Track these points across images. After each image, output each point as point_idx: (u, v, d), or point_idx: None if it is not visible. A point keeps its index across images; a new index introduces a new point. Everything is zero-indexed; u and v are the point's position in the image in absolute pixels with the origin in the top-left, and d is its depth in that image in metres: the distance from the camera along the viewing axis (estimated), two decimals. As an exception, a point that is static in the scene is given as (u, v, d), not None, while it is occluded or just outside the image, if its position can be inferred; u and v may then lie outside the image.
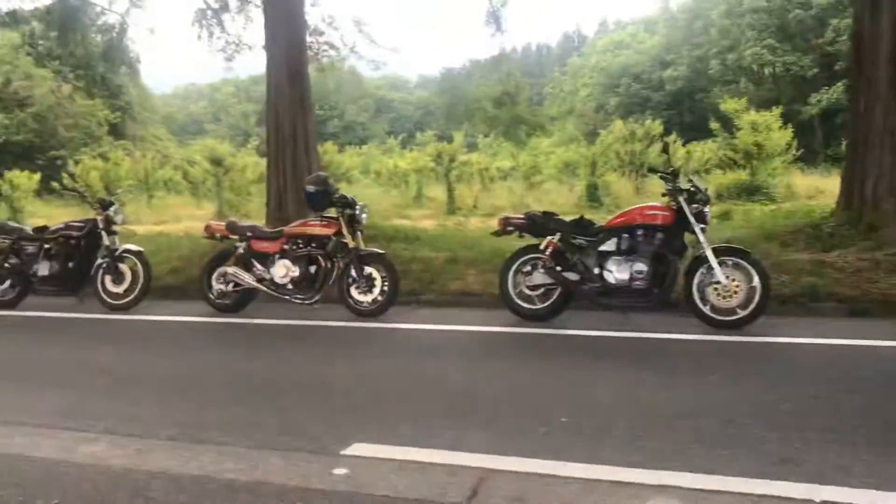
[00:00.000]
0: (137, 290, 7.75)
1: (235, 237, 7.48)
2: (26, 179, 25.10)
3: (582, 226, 6.48)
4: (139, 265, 7.82)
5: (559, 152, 28.35)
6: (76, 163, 27.89)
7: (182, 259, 9.57)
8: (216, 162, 21.86)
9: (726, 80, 43.73)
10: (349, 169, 31.21)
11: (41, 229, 8.36)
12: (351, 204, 7.06)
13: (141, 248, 8.07)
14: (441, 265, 8.50)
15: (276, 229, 7.46)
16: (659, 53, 49.56)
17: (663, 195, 6.33)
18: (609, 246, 6.20)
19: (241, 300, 7.44)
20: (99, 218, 7.96)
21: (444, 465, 3.21)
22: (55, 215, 22.18)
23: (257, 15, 19.61)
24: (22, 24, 16.78)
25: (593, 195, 18.98)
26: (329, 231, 7.05)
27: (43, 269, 8.01)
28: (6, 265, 8.23)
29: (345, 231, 7.00)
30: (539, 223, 6.57)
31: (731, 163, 19.48)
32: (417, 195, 23.81)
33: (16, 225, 8.72)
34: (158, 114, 60.55)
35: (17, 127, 39.82)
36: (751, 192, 16.65)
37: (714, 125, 18.11)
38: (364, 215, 7.15)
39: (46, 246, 8.11)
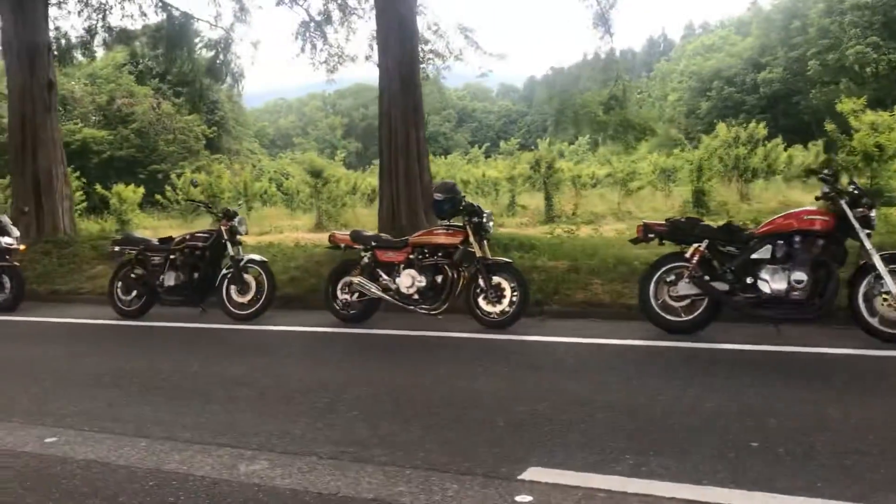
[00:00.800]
0: (262, 300, 7.75)
1: (360, 247, 7.37)
2: (132, 193, 26.03)
3: (731, 232, 6.08)
4: (263, 275, 7.81)
5: (653, 157, 27.56)
6: (178, 176, 28.81)
7: (299, 269, 9.57)
8: (315, 174, 22.10)
9: (825, 81, 41.91)
10: (434, 177, 31.22)
11: (166, 240, 8.48)
12: (478, 212, 6.86)
13: (265, 259, 8.07)
14: (563, 274, 8.21)
15: (401, 239, 7.33)
16: (752, 55, 47.91)
17: (818, 198, 5.88)
18: (763, 253, 5.78)
19: (365, 310, 7.33)
20: (223, 228, 8.00)
21: (638, 494, 2.93)
22: (160, 227, 22.98)
23: (360, 26, 19.74)
24: (131, 41, 17.29)
25: (700, 201, 18.32)
26: (455, 240, 6.86)
27: (169, 279, 8.10)
28: (132, 275, 8.37)
29: (472, 240, 6.80)
30: (683, 229, 6.21)
31: (840, 167, 18.49)
32: (510, 203, 23.53)
33: (141, 236, 8.87)
34: (251, 128, 62.18)
35: (121, 142, 41.49)
36: (871, 196, 15.62)
37: (830, 126, 17.16)
38: (491, 223, 6.94)
39: (172, 256, 8.20)
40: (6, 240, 9.34)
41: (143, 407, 4.64)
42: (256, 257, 8.04)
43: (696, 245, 6.06)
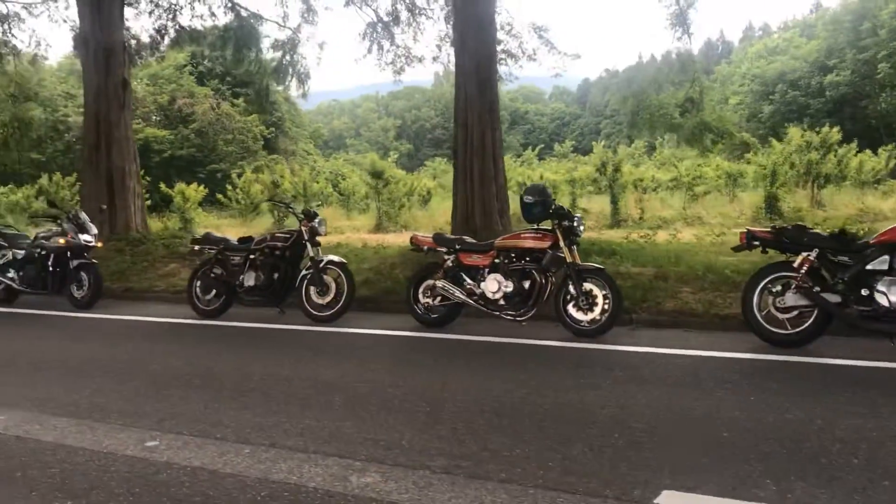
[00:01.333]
0: (342, 301, 7.64)
1: (443, 250, 7.20)
2: (194, 192, 26.36)
3: (843, 241, 5.73)
4: (342, 276, 7.70)
5: (716, 161, 26.88)
6: (239, 176, 29.12)
7: (372, 270, 9.47)
8: (376, 175, 22.08)
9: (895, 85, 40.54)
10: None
11: (246, 240, 8.43)
12: (568, 216, 6.62)
13: (344, 260, 7.96)
14: (650, 281, 7.94)
15: (486, 242, 7.13)
16: (819, 58, 46.53)
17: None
18: (879, 264, 5.43)
19: (448, 315, 7.16)
20: (304, 228, 7.92)
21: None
22: (220, 226, 23.20)
23: (428, 27, 19.59)
24: (200, 42, 17.45)
25: (773, 207, 17.75)
26: (544, 244, 6.64)
27: (249, 279, 8.04)
28: (212, 275, 8.34)
29: (562, 244, 6.57)
30: (790, 238, 5.88)
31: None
32: (570, 207, 23.20)
33: (220, 235, 8.84)
34: (306, 129, 62.78)
35: (181, 142, 42.22)
36: None
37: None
38: (582, 228, 6.69)
39: (252, 256, 8.14)
40: (85, 237, 9.42)
41: (241, 411, 4.53)
42: (336, 258, 7.93)
43: (804, 254, 5.73)
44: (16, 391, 5.24)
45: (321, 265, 7.77)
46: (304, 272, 7.87)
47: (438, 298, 7.11)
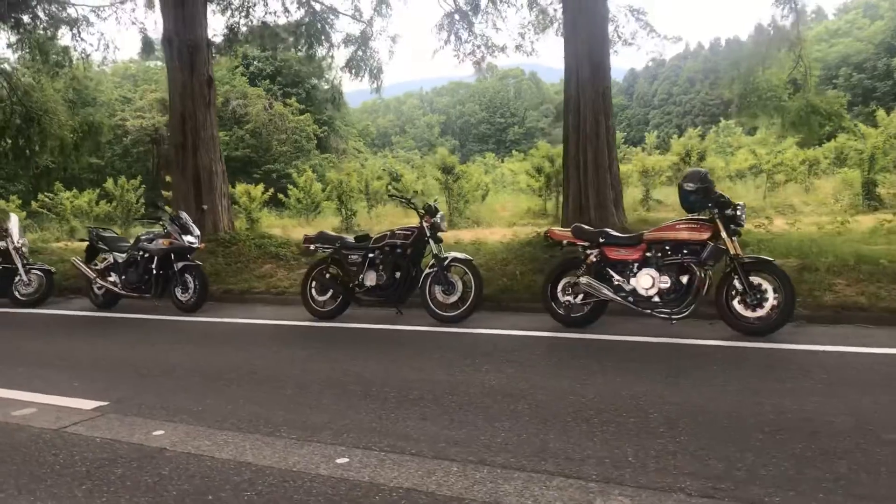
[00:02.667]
0: (470, 301, 7.21)
1: (584, 244, 6.73)
2: (259, 192, 26.29)
3: None
4: (469, 274, 7.28)
5: (789, 145, 25.88)
6: (300, 174, 29.00)
7: (482, 267, 9.01)
8: (447, 170, 21.65)
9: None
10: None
11: (363, 238, 8.06)
12: (730, 204, 6.10)
13: (469, 257, 7.54)
14: (797, 273, 7.35)
15: (634, 234, 6.63)
16: (885, 39, 44.83)
17: None
18: None
19: (592, 313, 6.69)
20: (425, 224, 7.52)
21: None
22: (286, 225, 23.01)
23: (510, 14, 18.97)
24: (272, 39, 17.21)
25: (871, 193, 16.89)
26: (703, 236, 6.13)
27: (370, 279, 7.67)
28: (327, 275, 8.00)
29: (723, 235, 6.05)
30: None
31: None
32: (643, 198, 22.54)
33: (335, 234, 8.49)
34: (355, 127, 62.80)
35: (236, 143, 42.42)
36: None
37: None
38: (744, 217, 6.15)
39: (371, 255, 7.77)
40: (189, 238, 9.16)
41: (420, 422, 4.16)
42: (461, 255, 7.51)
43: None
44: (162, 402, 4.93)
45: (446, 263, 7.36)
46: (427, 270, 7.46)
47: (581, 296, 6.64)
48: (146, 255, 9.23)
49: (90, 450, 4.01)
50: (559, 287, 6.81)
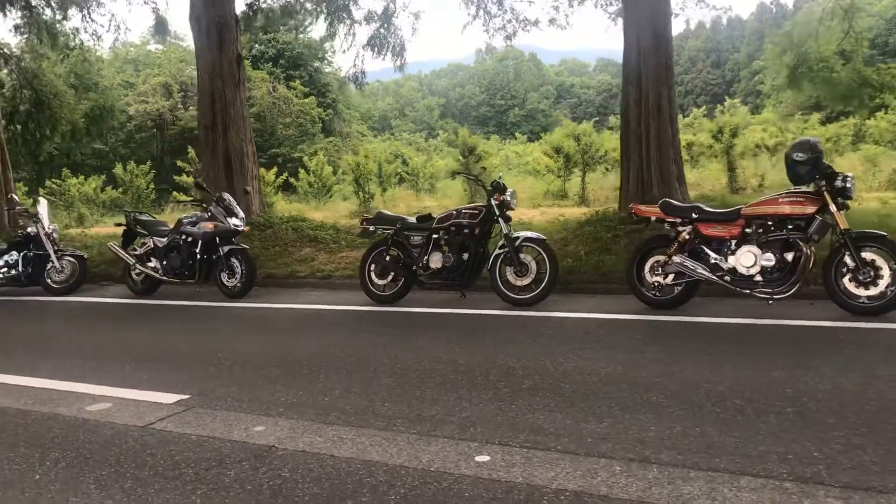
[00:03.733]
0: (545, 283, 6.82)
1: (675, 220, 6.33)
2: (273, 176, 25.87)
3: None
4: (543, 255, 6.88)
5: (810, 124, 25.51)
6: (311, 158, 28.54)
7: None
8: (469, 151, 21.20)
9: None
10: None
11: (425, 218, 7.65)
12: (838, 175, 5.70)
13: (543, 236, 7.13)
14: None
15: (731, 209, 6.23)
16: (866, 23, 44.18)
17: None
18: None
19: (684, 294, 6.30)
20: (494, 202, 7.11)
21: None
22: (300, 210, 22.53)
23: None
24: (294, 15, 16.72)
25: (910, 169, 16.52)
26: (809, 209, 5.74)
27: (435, 260, 7.27)
28: (387, 257, 7.60)
29: (832, 209, 5.65)
30: None
31: None
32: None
33: (394, 214, 8.08)
34: (358, 111, 62.14)
35: (242, 127, 41.78)
36: None
37: None
38: (853, 188, 5.75)
39: (435, 236, 7.36)
40: (234, 221, 8.76)
41: (552, 414, 3.80)
42: (534, 235, 7.12)
43: None
44: (248, 394, 4.56)
45: (517, 243, 6.95)
46: (496, 251, 7.05)
47: (671, 276, 6.25)
48: (189, 238, 8.82)
49: (190, 449, 3.64)
50: (646, 267, 6.41)
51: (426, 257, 7.34)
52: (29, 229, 10.28)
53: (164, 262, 8.98)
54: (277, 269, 9.96)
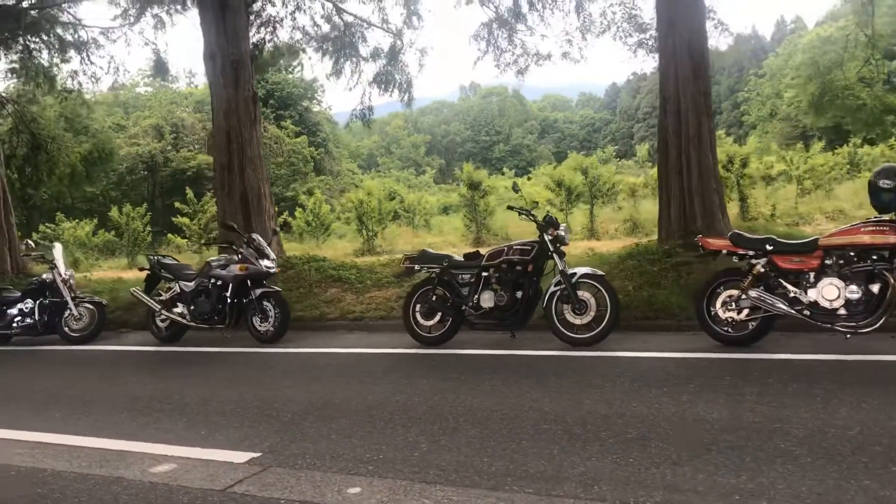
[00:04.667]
0: (605, 321, 6.53)
1: (747, 253, 6.08)
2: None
3: None
4: (603, 292, 6.60)
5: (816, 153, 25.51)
6: (309, 197, 28.30)
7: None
8: (474, 186, 21.01)
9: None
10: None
11: (473, 255, 7.37)
12: (921, 203, 5.48)
13: (600, 272, 6.85)
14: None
15: (808, 240, 5.98)
16: (886, 45, 44.87)
17: None
18: None
19: (759, 330, 6.02)
20: (548, 238, 6.84)
21: None
22: (298, 249, 22.22)
23: (553, 21, 18.36)
24: (297, 55, 16.62)
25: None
26: (893, 239, 5.50)
27: (486, 300, 6.96)
28: (434, 297, 7.29)
29: (918, 238, 5.42)
30: None
31: None
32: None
33: (440, 252, 7.80)
34: (346, 149, 62.13)
35: (233, 168, 41.52)
36: None
37: None
38: (940, 216, 5.53)
39: (485, 274, 7.07)
40: (265, 262, 8.44)
41: (693, 471, 3.45)
42: (592, 270, 6.84)
43: None
44: (325, 449, 4.23)
45: (574, 279, 6.67)
46: (552, 288, 6.76)
47: (745, 311, 5.98)
48: (219, 282, 8.47)
49: (286, 517, 3.30)
50: (717, 302, 6.13)
51: (476, 296, 7.03)
52: (44, 276, 9.91)
53: (192, 307, 8.62)
54: (305, 312, 9.61)
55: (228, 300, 8.38)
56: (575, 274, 6.71)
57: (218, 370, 7.21)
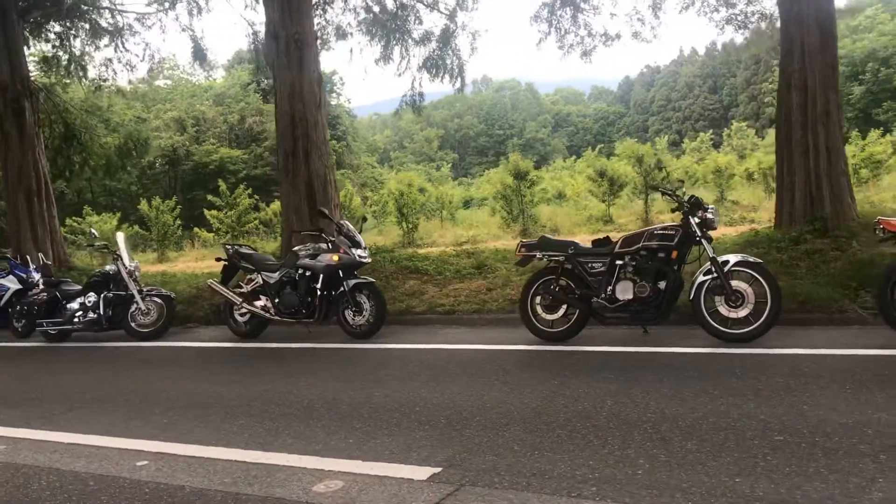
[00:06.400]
0: (765, 314, 5.83)
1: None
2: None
3: None
4: (762, 281, 5.90)
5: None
6: (337, 190, 27.61)
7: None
8: (520, 176, 20.26)
9: None
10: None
11: (603, 242, 6.67)
12: None
13: (758, 260, 6.14)
14: None
15: None
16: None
17: None
18: None
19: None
20: (695, 221, 6.14)
21: None
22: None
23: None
24: (347, 38, 15.95)
25: None
26: None
27: (623, 290, 6.27)
28: (557, 288, 6.61)
29: None
30: None
31: None
32: (718, 199, 21.42)
33: (559, 238, 7.11)
34: (363, 143, 61.47)
35: (255, 161, 40.94)
36: None
37: None
38: None
39: (620, 262, 6.38)
40: (359, 252, 7.78)
41: None
42: (745, 258, 6.13)
43: None
44: (517, 465, 3.59)
45: (727, 268, 5.97)
46: (701, 278, 6.07)
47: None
48: (307, 272, 7.81)
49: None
50: (902, 292, 5.44)
51: (610, 287, 6.34)
52: (107, 267, 9.29)
53: (277, 300, 7.96)
54: (389, 305, 8.92)
55: (319, 292, 7.71)
56: (727, 262, 6.01)
57: (323, 367, 6.55)
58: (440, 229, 25.47)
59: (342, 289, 7.68)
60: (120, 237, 9.36)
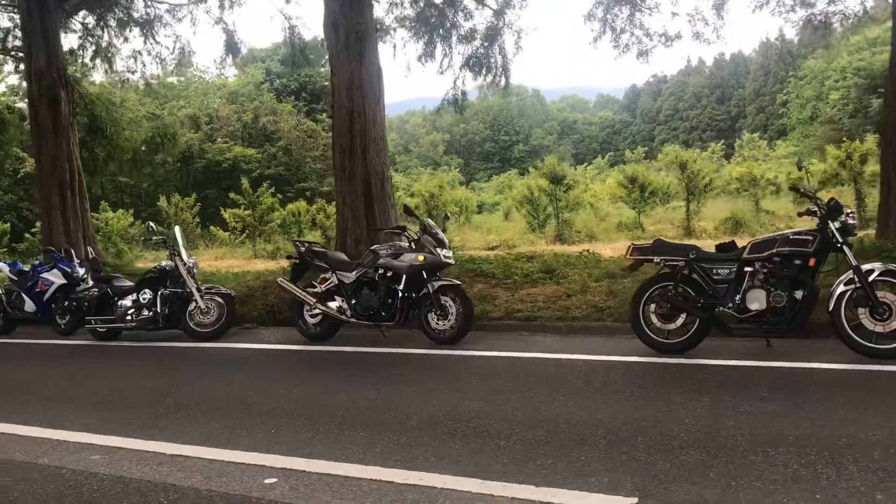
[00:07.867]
0: (915, 326, 5.34)
1: None
2: (305, 210, 24.79)
3: None
4: (912, 291, 5.42)
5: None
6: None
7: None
8: (556, 179, 19.79)
9: None
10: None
11: (728, 246, 6.18)
12: None
13: (892, 266, 5.64)
14: None
15: None
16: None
17: None
18: None
19: None
20: (835, 227, 5.66)
21: None
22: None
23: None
24: (389, 32, 15.46)
25: None
26: None
27: (754, 299, 5.77)
28: (676, 295, 6.12)
29: None
30: None
31: None
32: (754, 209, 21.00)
33: (677, 242, 6.63)
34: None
35: (268, 161, 40.43)
36: None
37: None
38: None
39: (749, 269, 5.89)
40: (444, 252, 7.29)
41: None
42: (891, 266, 5.63)
43: None
44: (728, 497, 3.11)
45: (871, 278, 5.49)
46: (842, 287, 5.59)
47: None
48: (388, 273, 7.32)
49: None
50: None
51: (739, 296, 5.85)
52: (164, 263, 8.79)
53: (354, 301, 7.47)
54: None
55: (401, 294, 7.22)
56: (872, 271, 5.53)
57: (423, 375, 6.10)
58: (460, 233, 25.07)
59: (425, 291, 7.18)
60: (178, 231, 8.86)
